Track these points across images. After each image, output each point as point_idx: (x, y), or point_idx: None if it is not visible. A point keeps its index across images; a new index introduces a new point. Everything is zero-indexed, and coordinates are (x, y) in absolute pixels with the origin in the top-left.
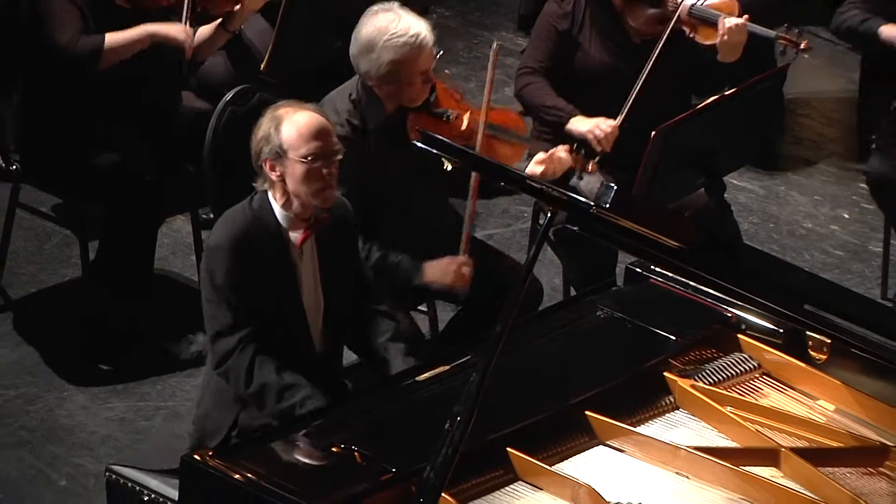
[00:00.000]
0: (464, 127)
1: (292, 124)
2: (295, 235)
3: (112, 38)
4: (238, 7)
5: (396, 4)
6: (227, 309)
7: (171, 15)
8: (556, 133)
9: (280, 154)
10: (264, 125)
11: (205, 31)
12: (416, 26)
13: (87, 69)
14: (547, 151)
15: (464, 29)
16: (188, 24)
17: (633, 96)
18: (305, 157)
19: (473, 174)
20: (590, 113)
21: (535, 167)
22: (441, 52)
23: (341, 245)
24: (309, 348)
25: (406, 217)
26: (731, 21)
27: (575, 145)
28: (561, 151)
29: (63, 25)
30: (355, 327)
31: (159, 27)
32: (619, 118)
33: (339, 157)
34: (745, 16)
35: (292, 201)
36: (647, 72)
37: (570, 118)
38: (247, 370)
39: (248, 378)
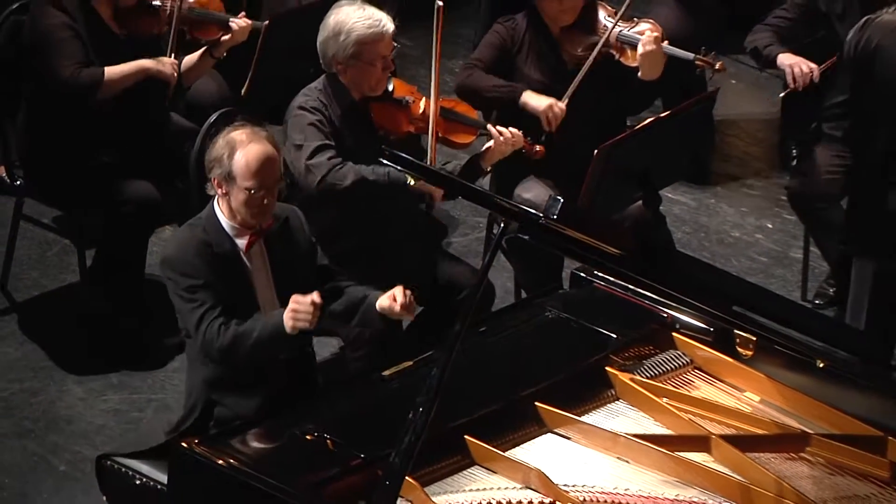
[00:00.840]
0: (420, 111)
1: (243, 155)
2: (241, 242)
3: (111, 71)
4: (226, 37)
5: (360, 2)
6: (189, 303)
7: (161, 42)
8: (503, 115)
9: (228, 178)
10: (219, 147)
11: (192, 57)
12: (378, 14)
13: (88, 98)
14: (495, 133)
15: (426, 57)
16: (175, 53)
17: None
18: (249, 189)
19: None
20: (523, 125)
21: (487, 145)
22: (398, 46)
23: (292, 247)
24: None
25: (366, 200)
26: (649, 42)
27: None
28: (508, 133)
29: (66, 57)
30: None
31: (152, 64)
32: (544, 136)
33: (281, 184)
34: (665, 39)
35: (234, 215)
36: (572, 90)
37: (522, 91)
38: (217, 331)
39: (218, 335)
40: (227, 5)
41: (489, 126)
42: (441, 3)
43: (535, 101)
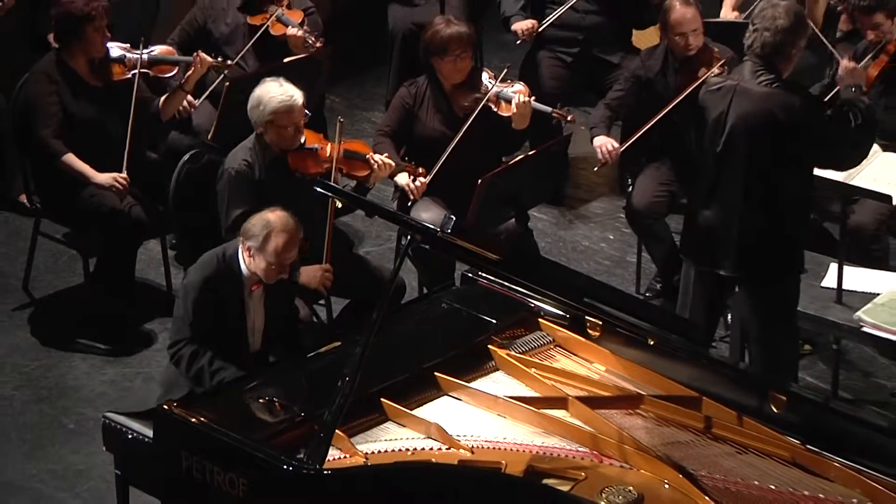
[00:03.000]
0: (327, 154)
1: (275, 241)
2: (251, 284)
3: (69, 157)
4: (190, 72)
5: (282, 79)
6: (188, 328)
7: (130, 84)
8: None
9: (259, 250)
10: (258, 225)
11: (168, 95)
12: (290, 90)
13: (51, 161)
14: (373, 161)
15: (348, 110)
16: (137, 92)
17: (449, 151)
18: (271, 264)
19: (330, 207)
20: (424, 164)
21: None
22: (309, 115)
23: (281, 295)
24: (242, 350)
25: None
26: (520, 98)
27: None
28: (379, 159)
29: (42, 119)
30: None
31: (97, 177)
32: (435, 170)
33: (293, 262)
34: (532, 96)
35: (253, 269)
36: (460, 135)
37: (398, 171)
38: (188, 358)
39: (188, 364)
40: (182, 51)
41: (370, 157)
42: (342, 119)
43: (398, 179)
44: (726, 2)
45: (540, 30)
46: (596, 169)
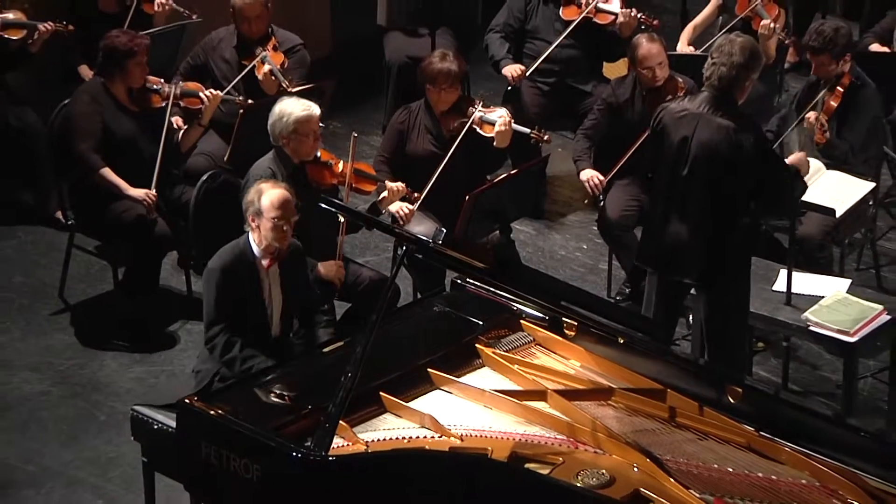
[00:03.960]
0: (339, 170)
1: (268, 197)
2: (264, 262)
3: (105, 171)
4: (203, 105)
5: (296, 97)
6: (215, 308)
7: (163, 112)
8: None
9: (259, 213)
10: (252, 193)
11: (186, 130)
12: (307, 103)
13: (89, 175)
14: (388, 187)
15: (349, 135)
16: (169, 116)
17: (441, 169)
18: (273, 219)
19: (342, 220)
20: (415, 180)
21: (383, 194)
22: (323, 126)
23: (294, 269)
24: (268, 333)
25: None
26: (502, 121)
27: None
28: (394, 186)
29: (83, 135)
30: (301, 317)
31: (130, 191)
32: (427, 189)
33: (296, 217)
34: (510, 119)
35: (262, 241)
36: (450, 153)
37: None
38: (223, 347)
39: (222, 353)
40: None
41: (385, 182)
42: (356, 135)
43: (390, 207)
44: (682, 37)
45: (528, 74)
46: (586, 202)
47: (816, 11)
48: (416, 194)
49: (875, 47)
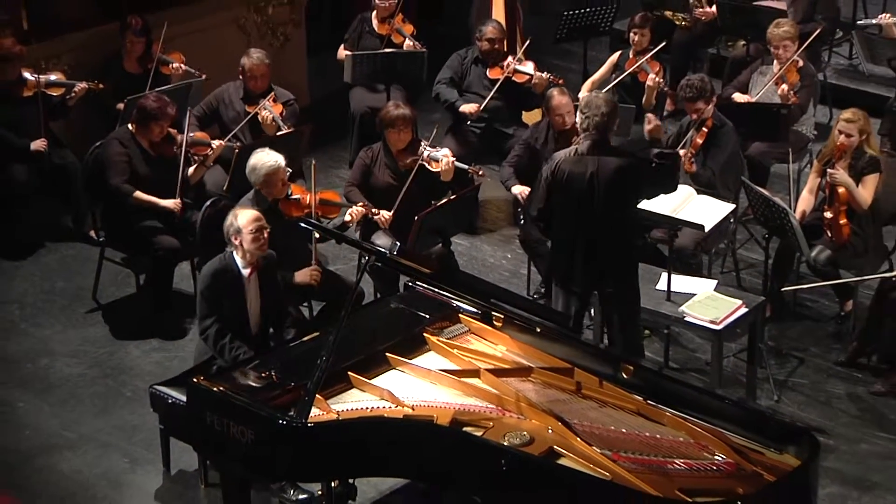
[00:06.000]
0: (307, 202)
1: (243, 216)
2: (245, 272)
3: (138, 194)
4: (211, 151)
5: (268, 148)
6: (206, 308)
7: (177, 157)
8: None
9: (238, 231)
10: (229, 218)
11: (193, 168)
12: (275, 156)
13: (124, 202)
14: (350, 211)
15: (322, 168)
16: (184, 161)
17: (400, 198)
18: (251, 231)
19: (315, 235)
20: (377, 205)
21: (347, 216)
22: (290, 171)
23: (270, 277)
24: (248, 330)
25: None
26: (446, 160)
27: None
28: (354, 210)
29: (114, 170)
30: (274, 321)
31: (162, 203)
32: (394, 207)
33: (268, 229)
34: (454, 158)
35: (245, 255)
36: (406, 185)
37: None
38: (214, 336)
39: (213, 343)
40: (199, 124)
41: (350, 212)
42: (314, 162)
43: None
44: (583, 90)
45: (482, 108)
46: (519, 210)
47: (688, 70)
48: (374, 210)
49: (737, 96)
